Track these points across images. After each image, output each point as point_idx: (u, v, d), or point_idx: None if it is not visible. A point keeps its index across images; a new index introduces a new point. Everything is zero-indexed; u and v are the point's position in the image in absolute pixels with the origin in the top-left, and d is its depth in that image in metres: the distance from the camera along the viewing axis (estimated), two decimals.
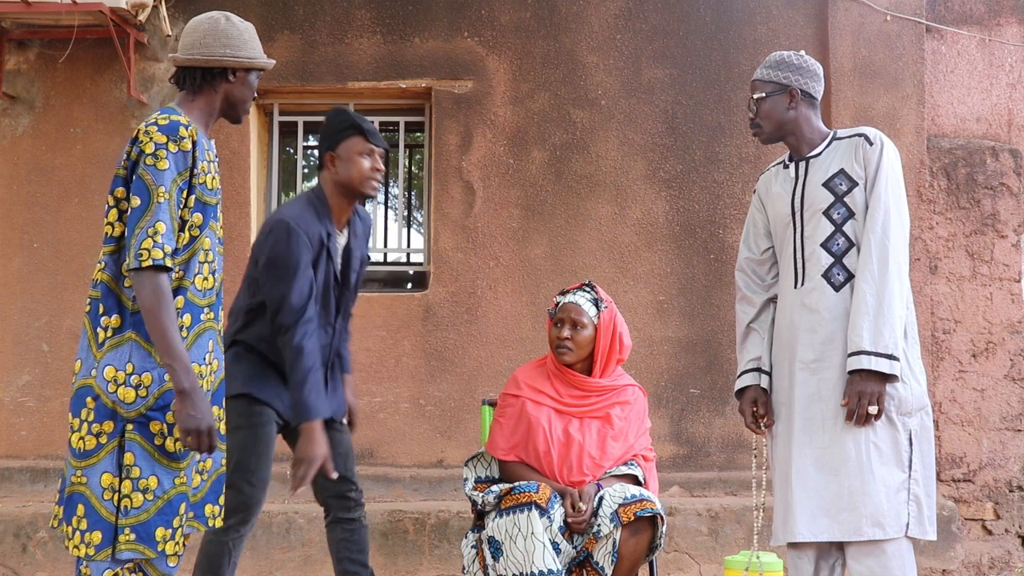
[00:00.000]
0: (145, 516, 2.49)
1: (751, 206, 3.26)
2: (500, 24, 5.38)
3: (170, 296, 2.49)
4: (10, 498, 5.08)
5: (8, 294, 5.30)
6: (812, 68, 3.09)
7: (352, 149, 3.24)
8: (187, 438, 2.49)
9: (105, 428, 2.49)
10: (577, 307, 3.39)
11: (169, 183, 2.52)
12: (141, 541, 2.49)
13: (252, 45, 2.76)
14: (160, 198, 2.50)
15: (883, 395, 2.82)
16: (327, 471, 3.11)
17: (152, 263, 2.46)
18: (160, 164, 2.51)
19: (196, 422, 2.47)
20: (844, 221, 2.96)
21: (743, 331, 3.20)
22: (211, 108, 2.75)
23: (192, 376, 2.48)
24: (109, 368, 2.49)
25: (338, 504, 3.36)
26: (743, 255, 3.25)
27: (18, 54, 5.37)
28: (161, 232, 2.49)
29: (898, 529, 2.82)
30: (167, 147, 2.52)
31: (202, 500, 2.70)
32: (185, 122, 2.59)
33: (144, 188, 2.51)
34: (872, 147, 2.96)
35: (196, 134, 2.61)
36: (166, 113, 2.61)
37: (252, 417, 3.20)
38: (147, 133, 2.54)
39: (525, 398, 3.40)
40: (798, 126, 3.07)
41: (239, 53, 2.72)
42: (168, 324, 2.47)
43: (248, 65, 2.74)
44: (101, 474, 2.48)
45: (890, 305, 2.84)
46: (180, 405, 2.47)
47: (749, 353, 3.16)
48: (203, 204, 2.64)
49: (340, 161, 3.25)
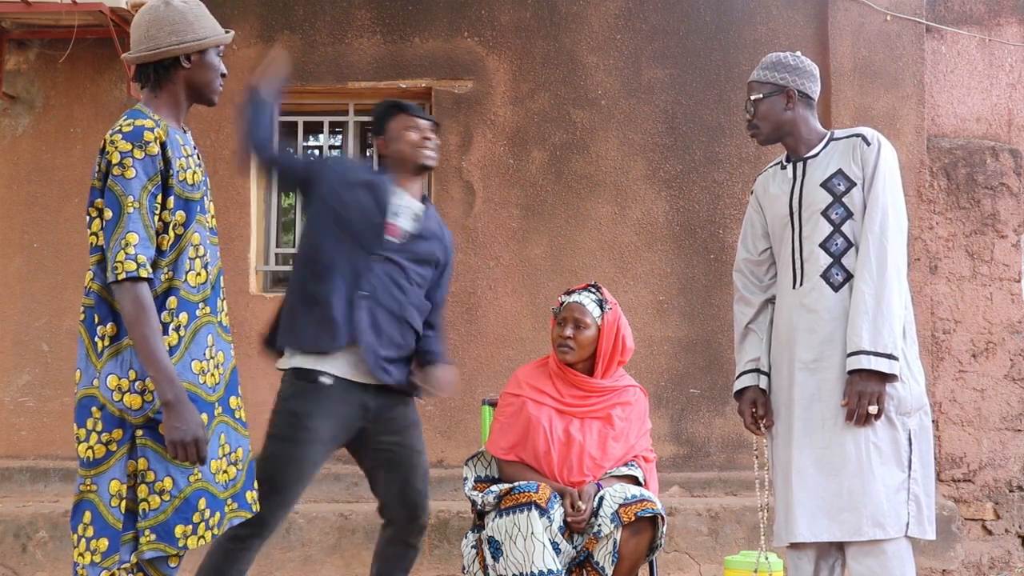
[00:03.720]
0: (164, 517, 2.49)
1: (748, 207, 3.26)
2: (500, 24, 5.38)
3: (151, 306, 2.45)
4: (10, 498, 5.08)
5: (8, 294, 5.30)
6: (808, 69, 3.09)
7: (398, 126, 3.36)
8: (175, 449, 2.45)
9: (115, 436, 2.48)
10: (581, 307, 3.39)
11: (139, 191, 2.46)
12: (161, 540, 2.48)
13: (200, 24, 2.63)
14: (130, 208, 2.45)
15: (883, 395, 2.82)
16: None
17: (126, 276, 2.43)
18: (127, 173, 2.46)
19: (182, 434, 2.44)
20: (842, 221, 2.95)
21: (741, 332, 3.20)
22: (176, 99, 2.66)
23: (177, 387, 2.45)
24: (112, 377, 2.47)
25: (407, 528, 3.36)
26: (741, 256, 3.25)
27: (18, 54, 5.37)
28: (133, 243, 2.44)
29: (898, 529, 2.82)
30: (132, 155, 2.46)
31: (242, 489, 2.71)
32: (151, 125, 2.52)
33: (114, 199, 2.46)
34: (869, 147, 2.96)
35: (165, 133, 2.54)
36: (131, 118, 2.54)
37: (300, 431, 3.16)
38: (112, 143, 2.49)
39: (526, 397, 3.39)
40: (796, 127, 3.07)
41: (185, 37, 2.60)
42: (149, 334, 2.43)
43: (198, 47, 2.62)
44: (110, 481, 2.47)
45: (889, 305, 2.83)
46: (166, 417, 2.44)
47: (747, 354, 3.16)
48: (185, 201, 2.58)
49: (390, 140, 3.37)
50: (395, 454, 3.31)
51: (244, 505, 2.72)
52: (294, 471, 3.14)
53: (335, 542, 4.80)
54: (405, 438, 3.34)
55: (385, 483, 3.34)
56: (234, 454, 2.69)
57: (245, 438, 2.75)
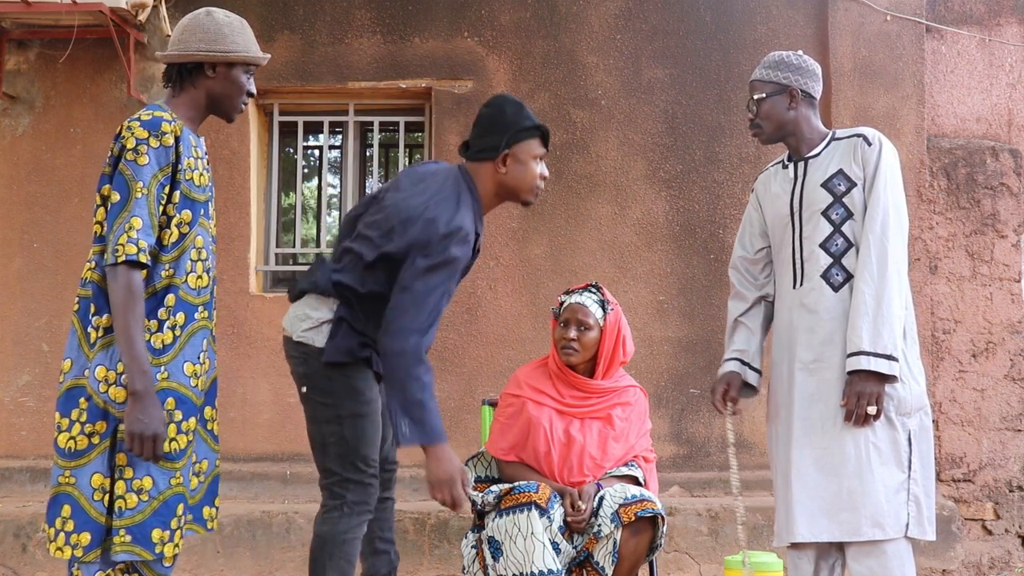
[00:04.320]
0: (140, 517, 2.47)
1: (748, 205, 3.27)
2: (500, 24, 5.38)
3: (140, 294, 2.45)
4: (10, 498, 5.08)
5: (8, 294, 5.30)
6: (811, 68, 3.09)
7: (530, 152, 2.97)
8: (132, 441, 2.43)
9: (98, 428, 2.47)
10: (584, 308, 3.39)
11: (149, 178, 2.48)
12: (137, 543, 2.46)
13: (233, 40, 2.65)
14: (138, 193, 2.47)
15: (882, 395, 2.82)
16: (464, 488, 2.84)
17: (126, 258, 2.43)
18: (140, 159, 2.48)
19: (143, 427, 2.42)
20: (843, 221, 2.95)
21: (731, 324, 3.23)
22: (195, 105, 2.68)
23: (148, 379, 2.44)
24: (100, 368, 2.47)
25: (383, 480, 3.23)
26: (737, 253, 3.26)
27: (18, 54, 5.37)
28: (137, 227, 2.45)
29: (898, 529, 2.82)
30: (148, 142, 2.49)
31: (199, 503, 2.68)
32: (169, 118, 2.55)
33: (124, 183, 2.48)
34: (871, 147, 2.96)
35: (181, 130, 2.57)
36: (150, 110, 2.57)
37: (365, 403, 2.94)
38: (129, 128, 2.51)
39: (526, 398, 3.39)
40: (798, 126, 3.07)
41: (214, 47, 2.63)
42: (132, 323, 2.43)
43: (224, 59, 2.64)
44: (92, 474, 2.46)
45: (889, 305, 2.83)
46: (130, 407, 2.43)
47: (734, 344, 3.20)
48: (190, 201, 2.60)
49: (515, 162, 2.96)
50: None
51: (199, 520, 2.69)
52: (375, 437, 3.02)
53: None
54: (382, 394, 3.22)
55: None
56: (198, 465, 2.67)
57: (213, 452, 2.73)
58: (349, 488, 2.97)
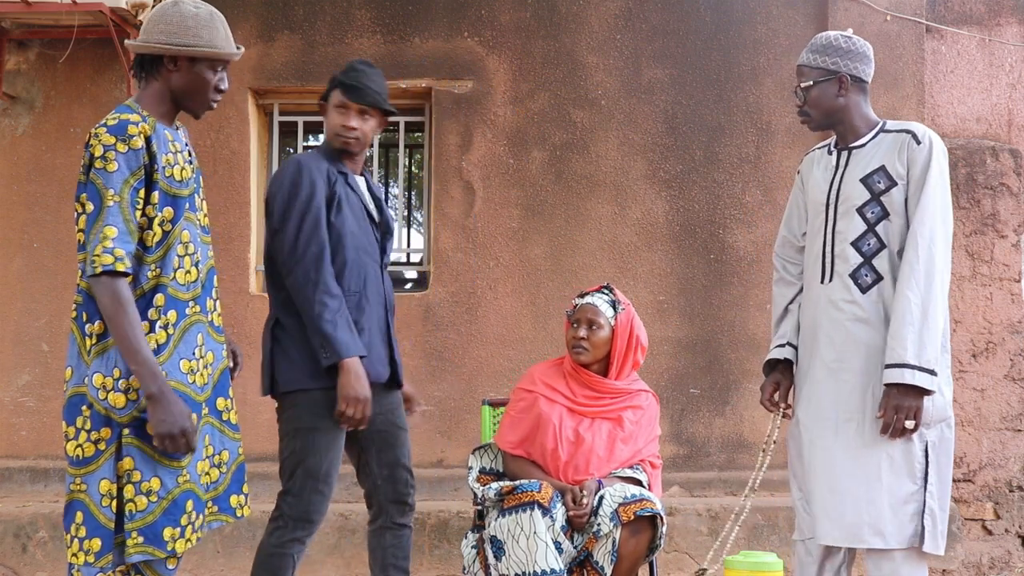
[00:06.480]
0: (151, 518, 2.47)
1: (794, 187, 3.16)
2: (500, 24, 5.38)
3: (129, 300, 2.43)
4: (10, 498, 5.08)
5: (8, 294, 5.30)
6: (861, 50, 2.93)
7: (332, 101, 3.23)
8: (163, 442, 2.43)
9: (103, 435, 2.46)
10: (594, 308, 3.41)
11: (120, 185, 2.45)
12: (150, 543, 2.46)
13: (197, 33, 2.55)
14: (110, 201, 2.44)
15: (920, 410, 2.71)
16: (364, 416, 3.01)
17: (103, 269, 2.41)
18: (109, 166, 2.44)
19: (168, 426, 2.42)
20: (878, 221, 2.84)
21: (780, 312, 3.11)
22: (162, 99, 2.60)
23: (160, 380, 2.43)
24: (98, 375, 2.46)
25: (396, 509, 3.29)
26: (782, 235, 3.15)
27: (18, 54, 5.37)
28: (111, 236, 2.43)
29: (900, 540, 2.75)
30: (116, 148, 2.44)
31: (226, 492, 2.69)
32: (136, 119, 2.49)
33: (96, 192, 2.45)
34: (920, 146, 2.84)
35: (152, 128, 2.52)
36: (117, 112, 2.53)
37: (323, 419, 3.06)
38: (96, 135, 2.47)
39: (539, 394, 3.41)
40: (848, 113, 2.94)
41: (174, 40, 2.53)
42: (128, 329, 2.41)
43: (186, 53, 2.54)
44: (100, 480, 2.45)
45: (935, 317, 2.73)
46: (151, 410, 2.42)
47: (783, 329, 3.08)
48: (172, 197, 2.55)
49: (327, 112, 3.26)
50: (388, 433, 3.27)
51: (227, 509, 2.69)
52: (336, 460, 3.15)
53: (335, 542, 4.81)
54: (394, 417, 3.30)
55: (377, 464, 3.27)
56: (218, 456, 2.66)
57: (233, 441, 2.73)
58: (287, 500, 3.07)
